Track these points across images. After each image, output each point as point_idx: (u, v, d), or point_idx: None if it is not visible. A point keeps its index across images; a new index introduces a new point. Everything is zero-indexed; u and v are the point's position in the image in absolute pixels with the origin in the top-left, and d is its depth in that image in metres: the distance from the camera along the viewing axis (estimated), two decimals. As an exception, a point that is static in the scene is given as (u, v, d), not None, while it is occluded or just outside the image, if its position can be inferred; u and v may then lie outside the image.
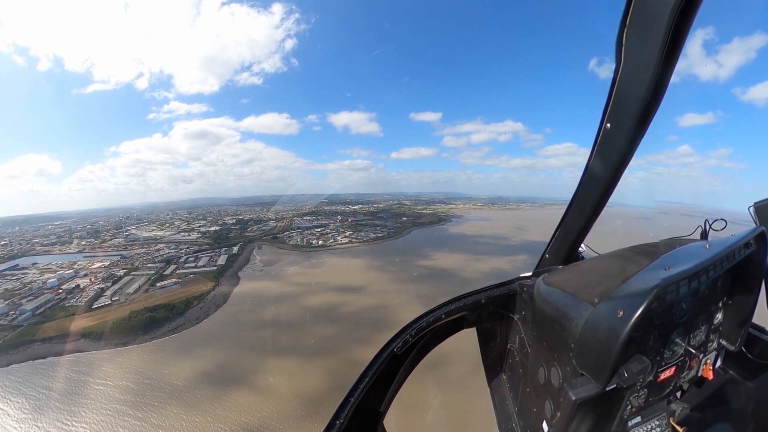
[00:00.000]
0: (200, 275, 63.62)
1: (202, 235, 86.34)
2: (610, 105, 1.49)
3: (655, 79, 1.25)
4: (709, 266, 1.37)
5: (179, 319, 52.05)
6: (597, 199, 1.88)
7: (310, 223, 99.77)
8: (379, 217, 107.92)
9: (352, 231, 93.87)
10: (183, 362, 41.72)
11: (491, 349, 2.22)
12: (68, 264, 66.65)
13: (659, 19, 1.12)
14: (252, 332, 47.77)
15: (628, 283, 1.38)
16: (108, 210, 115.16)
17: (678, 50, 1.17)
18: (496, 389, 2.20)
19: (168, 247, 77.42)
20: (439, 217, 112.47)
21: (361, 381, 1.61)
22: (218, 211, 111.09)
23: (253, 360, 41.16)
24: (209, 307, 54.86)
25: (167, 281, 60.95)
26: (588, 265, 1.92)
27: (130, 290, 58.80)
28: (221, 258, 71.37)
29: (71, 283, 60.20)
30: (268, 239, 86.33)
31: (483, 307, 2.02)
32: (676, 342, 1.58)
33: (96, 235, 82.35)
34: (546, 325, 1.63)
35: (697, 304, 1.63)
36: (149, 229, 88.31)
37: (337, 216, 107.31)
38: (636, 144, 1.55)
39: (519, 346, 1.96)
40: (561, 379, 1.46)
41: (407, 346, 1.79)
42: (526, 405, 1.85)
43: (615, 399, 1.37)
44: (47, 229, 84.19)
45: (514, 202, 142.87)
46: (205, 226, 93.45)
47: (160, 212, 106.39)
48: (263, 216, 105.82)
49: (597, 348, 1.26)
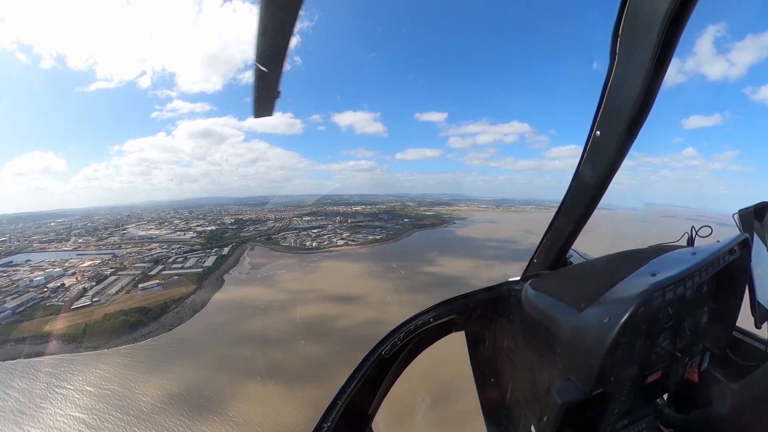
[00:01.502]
0: (185, 277, 61.64)
1: (197, 234, 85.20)
2: (601, 112, 1.49)
3: (645, 86, 1.25)
4: (694, 272, 1.41)
5: (153, 323, 49.90)
6: (585, 206, 1.89)
7: (309, 224, 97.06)
8: (380, 218, 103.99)
9: (350, 233, 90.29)
10: (148, 374, 39.08)
11: (480, 352, 2.23)
12: (60, 262, 66.42)
13: (651, 27, 1.11)
14: (228, 346, 43.62)
15: (614, 289, 1.38)
16: (112, 208, 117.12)
17: (669, 58, 1.18)
18: (484, 393, 2.24)
19: (161, 247, 76.44)
20: (442, 219, 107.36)
21: (349, 384, 1.61)
22: (219, 211, 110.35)
23: (224, 381, 36.71)
24: (186, 312, 52.51)
25: (150, 282, 59.27)
26: (576, 271, 1.97)
27: (112, 291, 57.47)
28: (210, 259, 69.37)
29: (58, 281, 59.55)
30: (262, 240, 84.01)
31: (472, 310, 2.05)
32: (662, 346, 1.60)
33: (93, 233, 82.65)
34: (533, 330, 1.67)
35: (683, 309, 1.65)
36: (146, 228, 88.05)
37: (337, 217, 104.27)
38: (625, 151, 1.55)
39: (507, 350, 1.99)
40: (548, 383, 1.49)
41: (396, 349, 1.79)
42: (515, 409, 1.90)
43: (602, 403, 1.36)
44: (49, 226, 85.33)
45: (519, 204, 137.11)
46: (203, 225, 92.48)
47: (162, 211, 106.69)
48: (263, 216, 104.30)
49: (583, 353, 1.28)
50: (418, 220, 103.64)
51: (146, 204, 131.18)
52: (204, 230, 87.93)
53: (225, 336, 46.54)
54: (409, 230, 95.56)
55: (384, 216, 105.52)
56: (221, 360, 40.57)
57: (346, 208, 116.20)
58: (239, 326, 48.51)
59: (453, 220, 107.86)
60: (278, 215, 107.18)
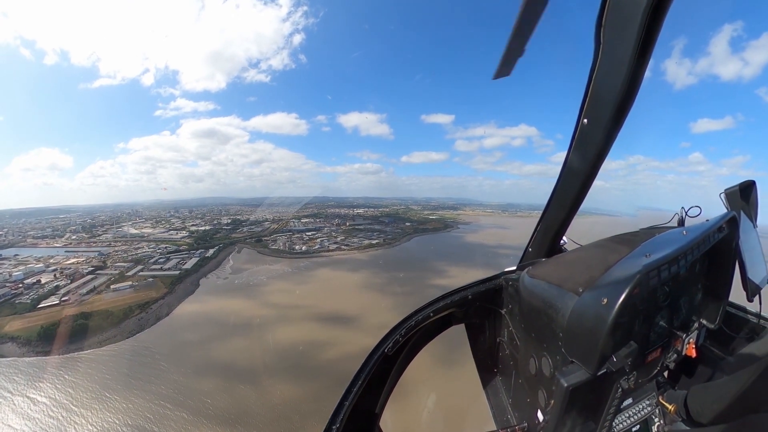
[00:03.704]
0: (159, 279, 58.48)
1: (189, 234, 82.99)
2: (587, 102, 1.52)
3: (629, 75, 1.28)
4: (687, 251, 1.46)
5: (112, 329, 46.50)
6: (576, 193, 1.89)
7: (305, 226, 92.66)
8: (380, 221, 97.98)
9: (345, 236, 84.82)
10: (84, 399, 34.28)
11: (481, 344, 2.24)
12: (45, 258, 65.54)
13: (633, 18, 1.16)
14: (185, 375, 36.11)
15: (610, 272, 1.43)
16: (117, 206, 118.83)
17: (650, 48, 1.22)
18: (488, 383, 2.23)
19: (148, 246, 74.47)
20: (446, 224, 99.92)
21: (354, 384, 1.60)
22: (220, 211, 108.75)
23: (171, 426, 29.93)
24: (149, 319, 48.82)
25: (122, 284, 56.50)
26: (571, 256, 1.97)
27: (84, 291, 55.05)
28: (190, 261, 66.15)
29: (36, 278, 58.18)
30: (252, 242, 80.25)
31: (470, 303, 2.04)
32: (660, 324, 1.66)
33: (89, 231, 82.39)
34: (533, 317, 1.68)
35: (677, 287, 1.71)
36: (141, 226, 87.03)
37: (336, 219, 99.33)
38: (612, 138, 1.56)
39: (508, 339, 2.00)
40: (552, 367, 1.51)
41: (398, 346, 1.79)
42: (520, 396, 1.91)
43: (606, 383, 1.42)
44: (49, 221, 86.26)
45: (526, 209, 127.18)
46: (199, 225, 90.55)
47: (163, 209, 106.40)
48: (261, 217, 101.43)
49: (585, 335, 1.32)
50: (420, 223, 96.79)
51: (151, 203, 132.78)
52: (197, 230, 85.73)
53: (184, 359, 39.24)
54: (409, 234, 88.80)
55: (385, 219, 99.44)
56: (174, 391, 33.82)
57: (348, 210, 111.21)
58: (203, 349, 41.31)
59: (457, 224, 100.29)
60: (277, 216, 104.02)
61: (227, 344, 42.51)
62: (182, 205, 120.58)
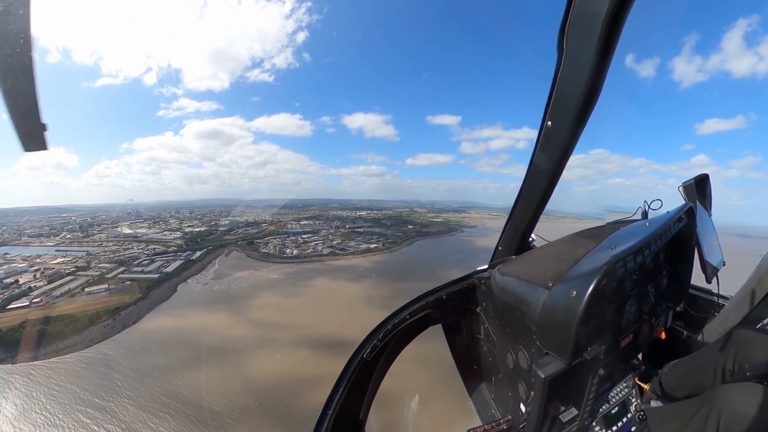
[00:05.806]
0: (137, 283, 55.17)
1: (183, 235, 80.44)
2: (551, 104, 1.56)
3: (591, 78, 1.33)
4: (650, 241, 1.56)
5: (74, 336, 43.01)
6: (543, 191, 1.93)
7: (302, 229, 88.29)
8: (381, 224, 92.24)
9: (342, 240, 79.59)
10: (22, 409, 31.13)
11: (459, 342, 2.27)
12: (32, 257, 64.06)
13: (593, 25, 1.20)
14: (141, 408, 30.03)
15: (578, 265, 1.50)
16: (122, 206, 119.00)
17: (611, 52, 1.27)
18: (469, 380, 2.28)
19: (137, 247, 72.13)
20: (450, 227, 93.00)
21: (335, 392, 1.60)
22: (220, 212, 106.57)
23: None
24: (115, 327, 45.10)
25: (98, 287, 53.53)
26: (540, 253, 2.04)
27: (58, 293, 52.39)
28: (174, 264, 62.76)
29: (16, 277, 56.32)
30: (243, 245, 76.42)
31: (445, 303, 2.05)
32: (630, 311, 1.77)
33: (84, 230, 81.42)
34: (506, 313, 1.73)
35: (644, 275, 1.84)
36: (137, 227, 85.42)
37: (335, 221, 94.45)
38: (576, 138, 1.60)
39: (485, 336, 2.06)
40: (529, 360, 1.56)
41: (376, 351, 1.79)
42: (501, 390, 1.98)
43: (583, 371, 1.45)
44: (49, 220, 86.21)
45: None
46: (195, 226, 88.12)
47: (163, 210, 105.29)
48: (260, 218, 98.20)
49: (557, 327, 1.36)
50: (423, 226, 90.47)
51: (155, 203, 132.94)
52: (191, 231, 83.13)
53: (144, 389, 32.72)
54: (411, 238, 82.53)
55: (387, 222, 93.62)
56: (122, 425, 28.52)
57: (350, 212, 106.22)
58: (167, 377, 34.18)
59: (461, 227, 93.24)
60: (276, 217, 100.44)
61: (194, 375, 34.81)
62: (185, 205, 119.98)
